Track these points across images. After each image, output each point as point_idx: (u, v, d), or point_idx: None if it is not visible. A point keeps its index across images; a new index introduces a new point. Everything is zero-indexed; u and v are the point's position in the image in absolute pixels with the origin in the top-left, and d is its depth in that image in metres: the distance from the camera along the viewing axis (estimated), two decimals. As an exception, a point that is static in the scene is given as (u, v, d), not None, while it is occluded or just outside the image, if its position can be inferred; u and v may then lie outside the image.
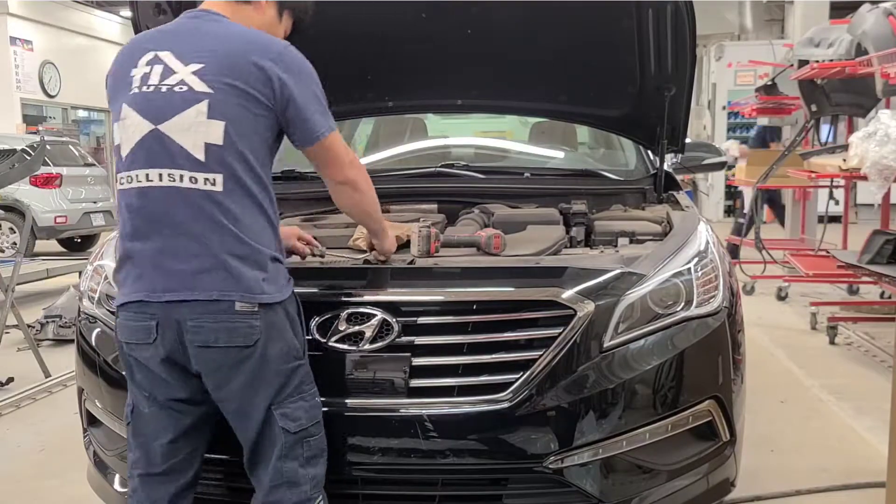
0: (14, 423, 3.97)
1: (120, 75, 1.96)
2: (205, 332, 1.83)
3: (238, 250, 1.84)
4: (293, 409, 1.92)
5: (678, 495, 2.18)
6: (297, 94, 1.89)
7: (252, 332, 1.84)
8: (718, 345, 2.23)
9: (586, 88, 3.07)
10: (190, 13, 1.99)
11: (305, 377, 1.96)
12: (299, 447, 1.94)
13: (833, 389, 4.17)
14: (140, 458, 1.98)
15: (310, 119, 1.91)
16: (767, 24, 14.62)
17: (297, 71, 1.91)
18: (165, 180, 1.84)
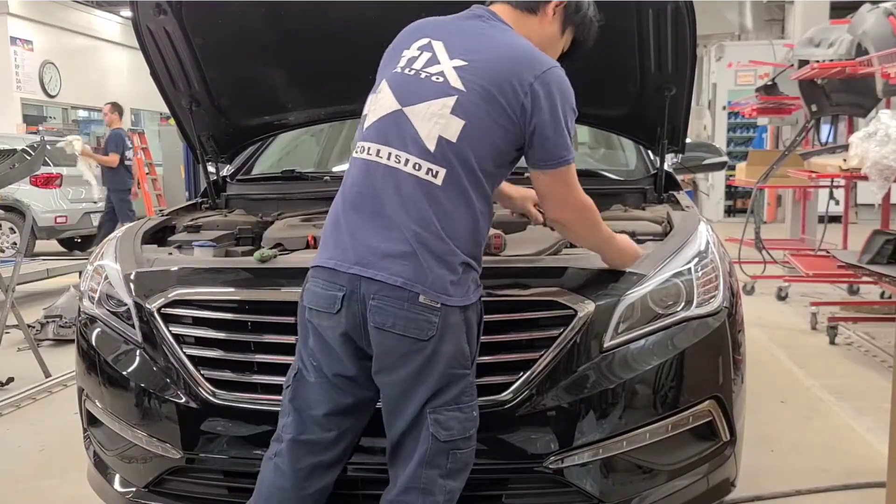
0: (14, 423, 3.96)
1: (393, 52, 2.02)
2: (384, 315, 1.82)
3: (435, 246, 1.82)
4: (447, 417, 1.87)
5: (678, 495, 2.19)
6: (546, 114, 1.87)
7: (429, 328, 1.82)
8: (719, 345, 2.23)
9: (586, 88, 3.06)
10: (478, 10, 2.01)
11: (467, 388, 1.90)
12: (443, 457, 1.88)
13: (833, 389, 4.17)
14: (292, 422, 1.97)
15: (549, 141, 1.90)
16: (768, 24, 14.63)
17: (553, 92, 1.88)
18: (392, 160, 1.86)
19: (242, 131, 3.29)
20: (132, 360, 2.30)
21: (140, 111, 17.70)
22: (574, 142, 1.99)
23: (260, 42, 2.91)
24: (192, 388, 2.19)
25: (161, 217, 3.00)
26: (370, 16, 2.78)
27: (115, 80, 16.54)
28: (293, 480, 1.95)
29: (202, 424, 2.21)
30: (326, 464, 1.97)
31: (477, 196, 1.87)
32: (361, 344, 1.88)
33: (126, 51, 16.72)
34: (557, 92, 1.89)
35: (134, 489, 2.35)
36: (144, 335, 2.28)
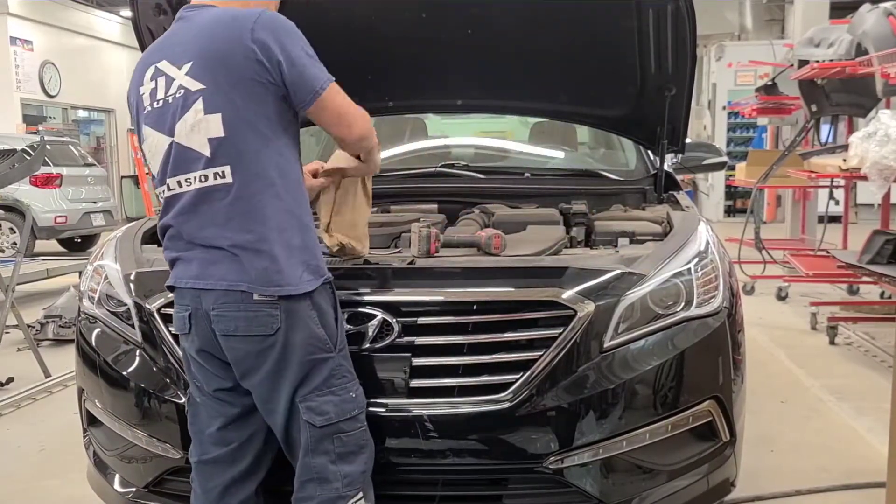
0: (14, 423, 3.97)
1: (134, 97, 2.00)
2: (225, 321, 1.87)
3: (245, 241, 1.84)
4: (320, 402, 1.90)
5: (678, 495, 2.18)
6: (282, 55, 1.82)
7: (272, 321, 1.84)
8: (718, 345, 2.23)
9: (586, 88, 3.08)
10: (183, 10, 1.98)
11: (336, 370, 1.92)
12: (328, 442, 1.91)
13: (833, 389, 4.17)
14: (195, 445, 2.03)
15: (300, 77, 1.85)
16: (767, 24, 14.63)
17: (277, 29, 1.84)
18: (185, 185, 1.89)
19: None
20: (132, 360, 2.30)
21: (140, 111, 17.67)
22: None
23: None
24: (192, 388, 2.19)
25: (161, 217, 2.99)
26: (370, 15, 2.79)
27: (115, 81, 16.52)
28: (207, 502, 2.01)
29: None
30: (237, 478, 2.01)
31: (276, 174, 1.86)
32: (220, 355, 1.92)
33: (126, 51, 16.71)
34: (277, 31, 1.83)
35: (134, 489, 2.35)
36: (144, 335, 2.28)
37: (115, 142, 16.61)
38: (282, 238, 1.86)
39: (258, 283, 1.84)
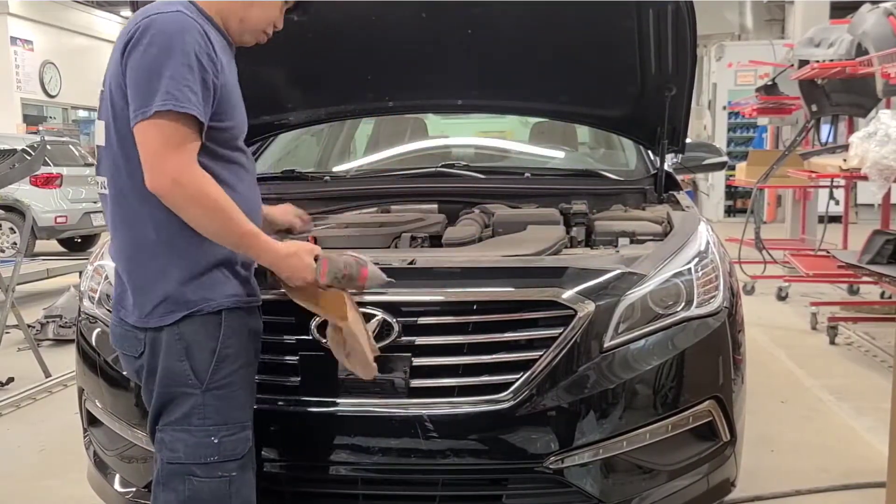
0: (14, 423, 3.96)
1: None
2: (111, 335, 1.92)
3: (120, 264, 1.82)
4: (172, 437, 1.80)
5: (678, 495, 2.18)
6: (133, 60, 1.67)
7: (137, 345, 1.81)
8: (719, 345, 2.23)
9: (587, 88, 3.07)
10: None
11: (197, 410, 1.77)
12: (178, 481, 1.79)
13: (833, 389, 4.17)
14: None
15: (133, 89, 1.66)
16: (768, 24, 14.63)
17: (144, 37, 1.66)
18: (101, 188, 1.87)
19: (242, 131, 3.29)
20: (132, 360, 2.30)
21: (140, 111, 17.69)
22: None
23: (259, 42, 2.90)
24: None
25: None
26: (370, 16, 2.78)
27: (115, 80, 16.54)
28: None
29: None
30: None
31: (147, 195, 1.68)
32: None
33: (126, 51, 16.72)
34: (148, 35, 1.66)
35: (134, 489, 2.36)
36: (144, 335, 2.27)
37: (115, 142, 16.59)
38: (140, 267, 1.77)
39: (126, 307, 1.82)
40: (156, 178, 1.64)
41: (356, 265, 1.90)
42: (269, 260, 1.82)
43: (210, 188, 1.67)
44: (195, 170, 1.66)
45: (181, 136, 1.64)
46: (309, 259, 1.85)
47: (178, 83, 1.62)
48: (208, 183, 1.67)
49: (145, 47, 1.66)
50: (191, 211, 1.67)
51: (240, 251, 1.78)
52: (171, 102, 1.61)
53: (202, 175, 1.66)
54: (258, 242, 1.77)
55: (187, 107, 1.63)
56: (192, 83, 1.64)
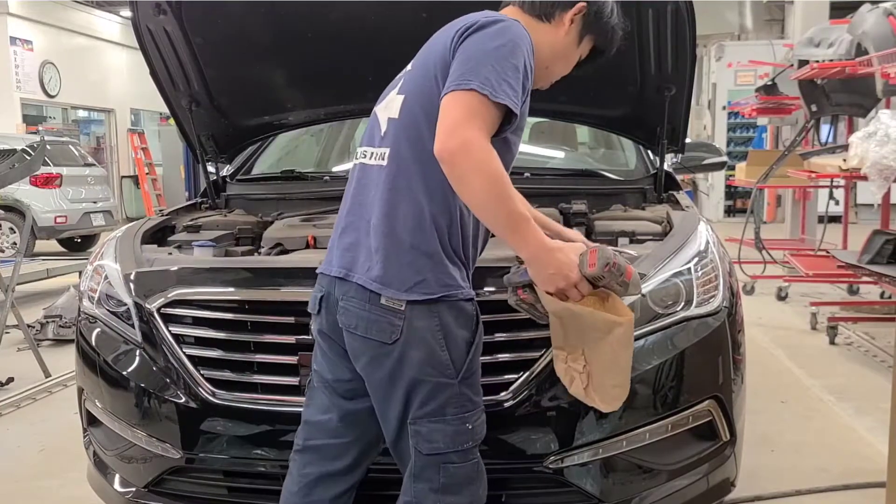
0: (14, 422, 3.97)
1: None
2: (349, 316, 1.77)
3: (390, 238, 1.72)
4: (430, 429, 1.75)
5: (678, 495, 2.19)
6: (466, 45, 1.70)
7: (392, 331, 1.71)
8: (718, 345, 2.23)
9: (586, 88, 3.07)
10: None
11: (453, 399, 1.75)
12: (433, 471, 1.77)
13: (833, 389, 4.17)
14: (301, 430, 1.95)
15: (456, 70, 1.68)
16: (767, 24, 14.63)
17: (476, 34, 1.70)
18: (361, 157, 1.86)
19: (242, 131, 3.29)
20: (132, 360, 2.30)
21: (140, 111, 17.71)
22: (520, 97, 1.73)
23: (260, 42, 2.91)
24: (192, 387, 2.19)
25: (161, 217, 3.00)
26: (370, 16, 2.78)
27: (114, 81, 16.54)
28: (298, 486, 1.93)
29: (202, 424, 2.21)
30: (334, 473, 1.91)
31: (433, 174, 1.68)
32: (343, 345, 1.83)
33: (126, 51, 16.71)
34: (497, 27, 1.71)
35: (134, 489, 2.36)
36: (144, 335, 2.28)
37: (115, 142, 16.60)
38: (428, 243, 1.72)
39: (392, 286, 1.71)
40: (447, 140, 1.61)
41: (624, 259, 1.77)
42: (533, 250, 1.70)
43: (496, 161, 1.63)
44: (486, 143, 1.63)
45: (485, 115, 1.64)
46: (575, 256, 1.75)
47: (501, 76, 1.65)
48: (495, 157, 1.64)
49: (491, 35, 1.69)
50: (471, 179, 1.61)
51: (506, 234, 1.69)
52: (488, 89, 1.63)
53: (491, 149, 1.64)
54: (529, 228, 1.68)
55: (501, 98, 1.64)
56: (514, 82, 1.67)
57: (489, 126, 1.65)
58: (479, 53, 1.67)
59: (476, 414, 1.81)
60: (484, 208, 1.66)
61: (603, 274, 1.72)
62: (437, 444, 1.76)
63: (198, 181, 9.96)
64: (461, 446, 1.78)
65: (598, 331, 1.80)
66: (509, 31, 1.71)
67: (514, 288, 1.83)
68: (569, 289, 1.75)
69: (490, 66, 1.64)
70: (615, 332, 1.79)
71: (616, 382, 1.85)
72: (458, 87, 1.63)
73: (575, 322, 1.80)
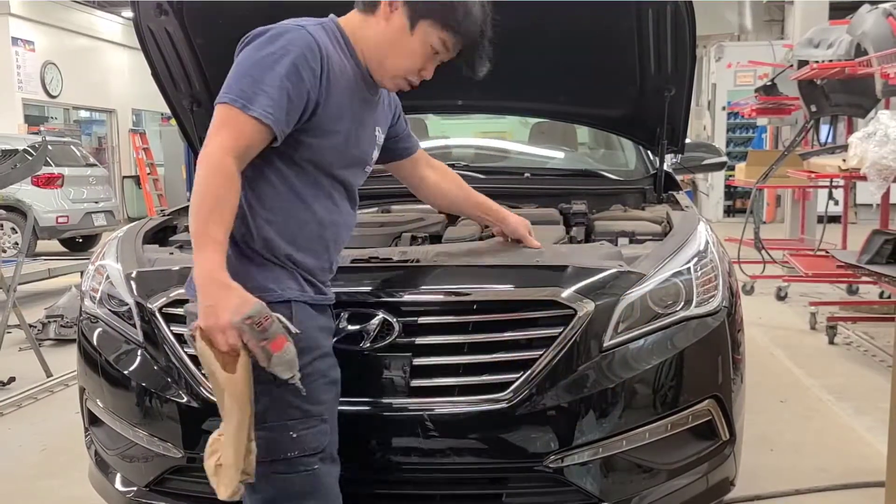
0: (15, 422, 3.97)
1: None
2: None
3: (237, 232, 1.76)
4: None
5: (678, 494, 2.19)
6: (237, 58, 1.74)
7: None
8: (718, 344, 2.24)
9: (586, 89, 3.08)
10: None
11: (274, 405, 1.73)
12: (263, 481, 1.74)
13: (832, 389, 4.18)
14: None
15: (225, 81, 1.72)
16: (767, 25, 14.64)
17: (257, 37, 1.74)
18: None
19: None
20: (133, 359, 2.31)
21: (141, 111, 17.72)
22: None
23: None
24: (194, 387, 2.20)
25: (162, 217, 3.00)
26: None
27: (116, 81, 16.55)
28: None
29: (203, 423, 2.21)
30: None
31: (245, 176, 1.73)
32: None
33: (127, 51, 16.73)
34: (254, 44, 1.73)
35: (135, 488, 2.36)
36: (146, 335, 2.28)
37: (116, 142, 16.62)
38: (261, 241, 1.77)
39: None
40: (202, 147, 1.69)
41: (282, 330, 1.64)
42: (202, 275, 1.62)
43: (217, 179, 1.64)
44: (223, 156, 1.65)
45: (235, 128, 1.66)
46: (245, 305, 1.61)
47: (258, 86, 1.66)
48: (221, 174, 1.64)
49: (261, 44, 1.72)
50: (196, 184, 1.66)
51: (194, 247, 1.65)
52: (240, 102, 1.66)
53: (223, 166, 1.65)
54: (210, 252, 1.62)
55: (253, 110, 1.66)
56: (274, 90, 1.67)
57: (240, 138, 1.66)
58: (244, 64, 1.70)
59: (304, 423, 1.76)
60: (191, 213, 1.66)
61: (243, 327, 1.59)
62: (259, 452, 1.72)
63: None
64: (283, 454, 1.75)
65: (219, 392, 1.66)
66: (281, 38, 1.71)
67: (191, 321, 1.70)
68: (216, 332, 1.60)
69: (249, 78, 1.67)
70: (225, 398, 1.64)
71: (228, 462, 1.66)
72: (219, 100, 1.69)
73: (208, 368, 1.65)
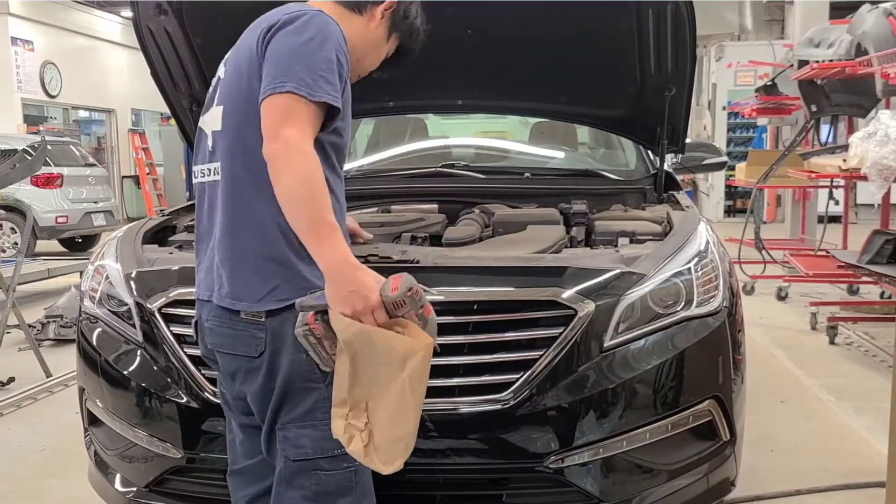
0: (15, 422, 3.97)
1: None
2: (214, 335, 1.79)
3: (236, 250, 1.73)
4: (297, 434, 1.74)
5: (678, 495, 2.19)
6: (274, 45, 1.68)
7: (256, 344, 1.71)
8: (718, 344, 2.24)
9: (587, 89, 3.08)
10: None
11: (323, 404, 1.71)
12: (304, 478, 1.74)
13: (833, 389, 4.17)
14: (229, 453, 1.97)
15: (269, 73, 1.66)
16: (767, 25, 14.64)
17: (281, 34, 1.68)
18: (200, 176, 1.85)
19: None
20: (133, 359, 2.31)
21: (141, 111, 17.71)
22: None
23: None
24: (193, 387, 2.20)
25: (162, 217, 3.00)
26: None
27: (115, 81, 16.54)
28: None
29: (203, 424, 2.21)
30: (264, 493, 1.87)
31: (262, 179, 1.65)
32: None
33: (127, 51, 16.71)
34: (300, 21, 1.69)
35: (135, 489, 2.36)
36: (145, 335, 2.28)
37: (115, 142, 16.61)
38: (272, 250, 1.70)
39: (247, 300, 1.71)
40: (269, 143, 1.61)
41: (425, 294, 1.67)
42: (335, 263, 1.60)
43: (313, 164, 1.61)
44: (306, 144, 1.62)
45: (306, 115, 1.63)
46: (378, 279, 1.63)
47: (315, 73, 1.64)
48: (313, 159, 1.61)
49: (297, 30, 1.67)
50: (283, 178, 1.60)
51: (309, 240, 1.62)
52: (304, 90, 1.62)
53: (311, 151, 1.62)
54: (334, 238, 1.61)
55: (319, 96, 1.63)
56: (329, 75, 1.66)
57: (311, 125, 1.64)
58: (289, 52, 1.65)
59: None
60: (291, 208, 1.61)
61: (405, 299, 1.60)
62: (304, 450, 1.74)
63: (198, 181, 9.94)
64: (330, 452, 1.74)
65: (392, 365, 1.63)
66: (314, 24, 1.69)
67: (304, 315, 1.64)
68: (365, 313, 1.60)
69: (302, 65, 1.63)
70: (410, 365, 1.62)
71: (402, 434, 1.67)
72: (273, 91, 1.62)
73: (368, 354, 1.62)
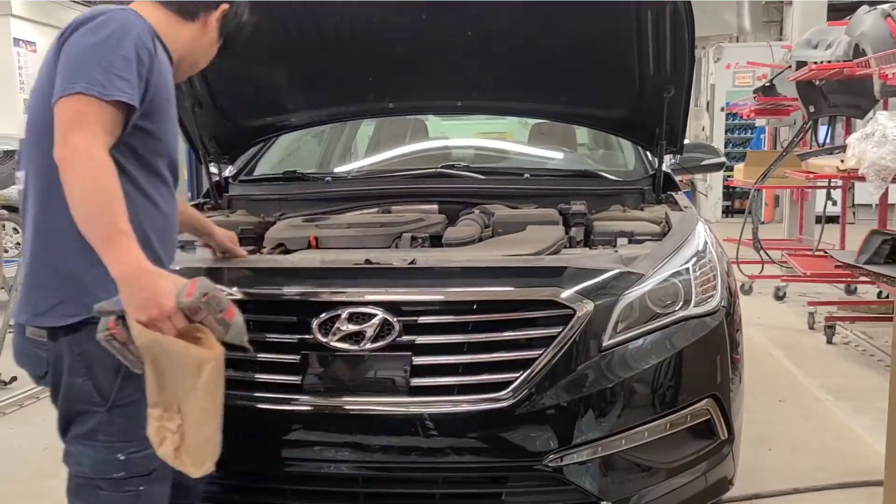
0: (17, 422, 3.98)
1: None
2: (15, 353, 1.80)
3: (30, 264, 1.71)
4: (79, 451, 1.73)
5: (676, 493, 2.21)
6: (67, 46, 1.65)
7: (39, 363, 1.72)
8: (716, 344, 2.25)
9: (586, 89, 3.09)
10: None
11: (104, 427, 1.69)
12: (85, 492, 1.74)
13: (831, 389, 4.19)
14: None
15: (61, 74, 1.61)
16: (766, 26, 14.65)
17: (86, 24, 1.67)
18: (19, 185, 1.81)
19: (245, 132, 3.31)
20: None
21: (140, 112, 17.68)
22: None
23: (261, 43, 2.92)
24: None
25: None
26: (371, 17, 2.80)
27: (114, 81, 16.52)
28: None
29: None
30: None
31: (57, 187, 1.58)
32: None
33: (126, 52, 16.71)
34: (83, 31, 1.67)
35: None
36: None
37: (114, 142, 16.58)
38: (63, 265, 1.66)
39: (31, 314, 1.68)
40: (59, 148, 1.56)
41: (226, 298, 1.64)
42: (127, 269, 1.54)
43: (103, 169, 1.56)
44: (97, 148, 1.56)
45: (97, 116, 1.58)
46: (175, 285, 1.58)
47: (109, 71, 1.60)
48: (103, 164, 1.56)
49: (92, 30, 1.66)
50: (73, 186, 1.55)
51: (100, 247, 1.56)
52: (96, 89, 1.57)
53: (101, 156, 1.56)
54: (125, 243, 1.55)
55: (113, 94, 1.59)
56: (126, 73, 1.61)
57: (104, 127, 1.59)
58: (83, 52, 1.62)
59: (134, 446, 1.71)
60: (81, 215, 1.56)
61: (200, 305, 1.57)
62: (83, 468, 1.72)
63: (200, 182, 9.91)
64: (108, 475, 1.71)
65: (191, 371, 1.60)
66: (112, 22, 1.66)
67: (105, 319, 1.58)
68: (161, 319, 1.55)
69: (96, 64, 1.59)
70: (204, 373, 1.60)
71: (206, 437, 1.66)
72: (64, 93, 1.57)
73: (166, 362, 1.59)
